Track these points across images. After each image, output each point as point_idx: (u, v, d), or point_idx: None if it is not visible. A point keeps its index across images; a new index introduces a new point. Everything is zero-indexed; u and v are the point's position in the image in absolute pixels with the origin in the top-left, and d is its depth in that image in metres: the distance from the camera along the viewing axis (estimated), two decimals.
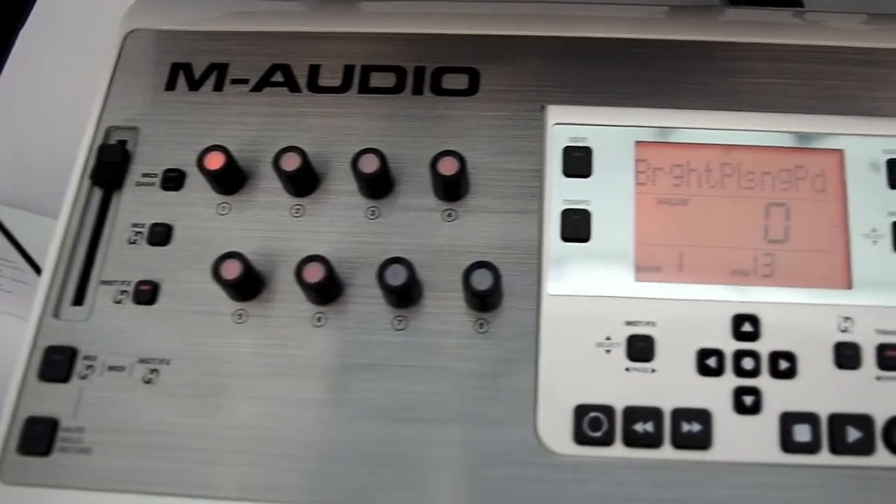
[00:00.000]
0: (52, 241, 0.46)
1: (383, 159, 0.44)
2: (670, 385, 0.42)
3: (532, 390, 0.42)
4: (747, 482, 0.41)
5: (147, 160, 0.47)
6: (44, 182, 0.54)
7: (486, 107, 0.48)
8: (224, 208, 0.46)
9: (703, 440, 0.41)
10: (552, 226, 0.45)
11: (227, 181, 0.46)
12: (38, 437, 0.42)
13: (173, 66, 0.50)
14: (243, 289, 0.43)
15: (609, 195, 0.45)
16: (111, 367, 0.43)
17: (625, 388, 0.42)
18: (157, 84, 0.49)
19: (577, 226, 0.45)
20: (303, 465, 0.41)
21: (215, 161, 0.45)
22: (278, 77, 0.49)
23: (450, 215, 0.45)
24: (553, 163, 0.46)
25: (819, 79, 0.48)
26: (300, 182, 0.45)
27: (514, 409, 0.42)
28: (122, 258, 0.45)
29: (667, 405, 0.42)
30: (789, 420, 0.41)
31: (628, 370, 0.42)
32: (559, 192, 0.45)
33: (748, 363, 0.42)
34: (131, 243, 0.46)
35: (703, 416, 0.41)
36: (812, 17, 0.52)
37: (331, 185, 0.46)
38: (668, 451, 0.41)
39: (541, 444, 0.41)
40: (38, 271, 0.60)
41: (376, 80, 0.49)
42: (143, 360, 0.43)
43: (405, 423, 0.42)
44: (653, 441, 0.41)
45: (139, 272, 0.45)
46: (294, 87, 0.49)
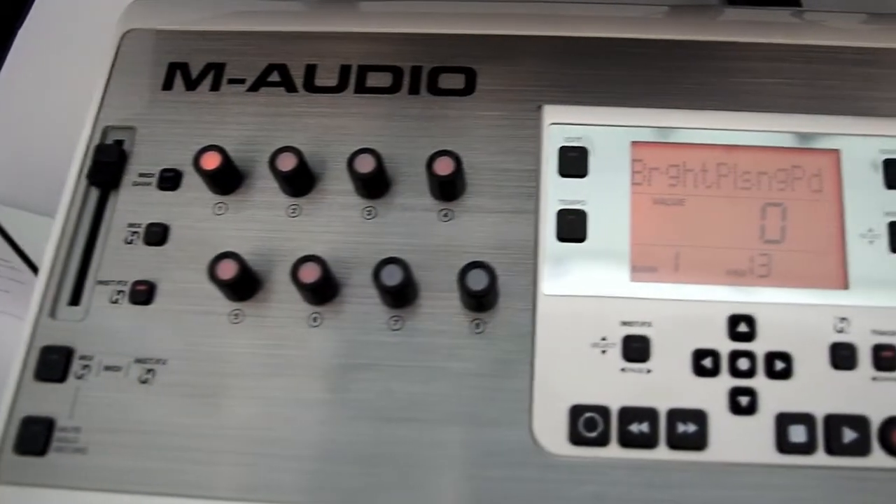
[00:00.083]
0: (48, 241, 0.46)
1: (379, 159, 0.44)
2: (666, 385, 0.42)
3: (527, 390, 0.42)
4: (743, 483, 0.40)
5: (144, 160, 0.47)
6: (41, 181, 0.54)
7: (482, 106, 0.47)
8: (220, 208, 0.46)
9: (698, 441, 0.41)
10: (548, 226, 0.45)
11: (224, 181, 0.46)
12: (35, 436, 0.42)
13: (170, 65, 0.50)
14: (239, 289, 0.43)
15: (605, 195, 0.45)
16: (107, 367, 0.43)
17: (620, 389, 0.42)
18: (154, 84, 0.49)
19: (572, 226, 0.44)
20: (299, 465, 0.41)
21: (211, 161, 0.45)
22: (275, 77, 0.49)
23: (446, 215, 0.45)
24: (549, 163, 0.46)
25: (816, 79, 0.47)
26: (296, 182, 0.45)
27: (509, 410, 0.42)
28: (119, 258, 0.45)
29: (662, 406, 0.41)
30: (785, 421, 0.41)
31: (624, 370, 0.42)
32: (555, 192, 0.45)
33: (744, 364, 0.42)
34: (128, 243, 0.46)
35: (698, 417, 0.41)
36: (810, 16, 0.52)
37: (327, 185, 0.46)
38: (663, 452, 0.41)
39: (536, 444, 0.41)
40: (35, 271, 0.60)
41: (373, 79, 0.49)
42: (139, 360, 0.43)
43: (401, 424, 0.42)
44: (648, 441, 0.41)
45: (136, 272, 0.45)
46: (290, 87, 0.49)
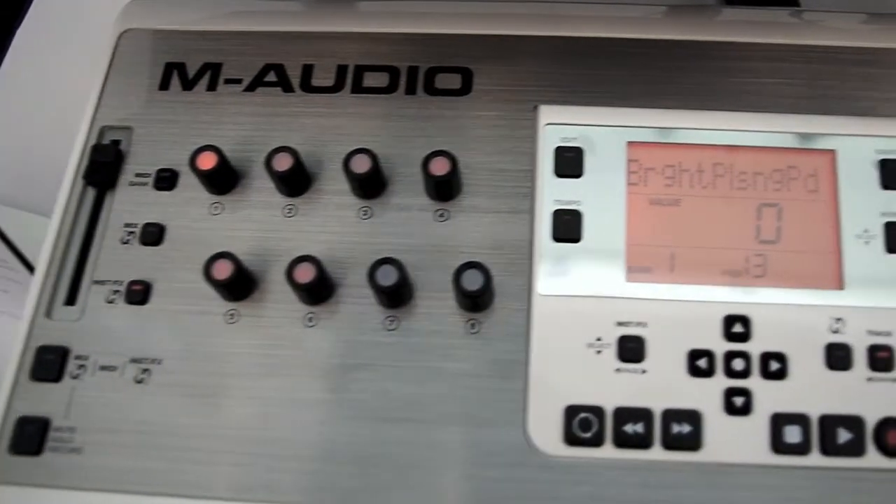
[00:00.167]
0: (45, 241, 0.46)
1: (375, 159, 0.44)
2: (661, 386, 0.42)
3: (522, 391, 0.42)
4: (737, 483, 0.40)
5: (140, 160, 0.48)
6: (39, 181, 0.55)
7: (479, 107, 0.47)
8: (217, 208, 0.46)
9: (693, 441, 0.41)
10: (543, 226, 0.45)
11: (220, 181, 0.46)
12: (30, 436, 0.42)
13: (167, 65, 0.50)
14: (235, 289, 0.43)
15: (600, 195, 0.45)
16: (103, 367, 0.43)
17: (615, 389, 0.42)
18: (151, 84, 0.49)
19: (568, 226, 0.44)
20: (294, 465, 0.41)
21: (207, 161, 0.45)
22: (271, 77, 0.49)
23: (442, 215, 0.45)
24: (545, 163, 0.46)
25: (814, 79, 0.47)
26: (292, 182, 0.45)
27: (504, 410, 0.42)
28: (115, 258, 0.45)
29: (657, 406, 0.41)
30: (780, 421, 0.41)
31: (619, 371, 0.42)
32: (550, 193, 0.45)
33: (739, 364, 0.42)
34: (124, 243, 0.46)
35: (693, 417, 0.41)
36: (808, 16, 0.51)
37: (323, 185, 0.46)
38: (658, 452, 0.41)
39: (531, 444, 0.41)
40: (31, 270, 0.60)
41: (369, 79, 0.49)
42: (134, 360, 0.43)
43: (396, 424, 0.42)
44: (643, 442, 0.41)
45: (132, 272, 0.45)
46: (287, 87, 0.49)
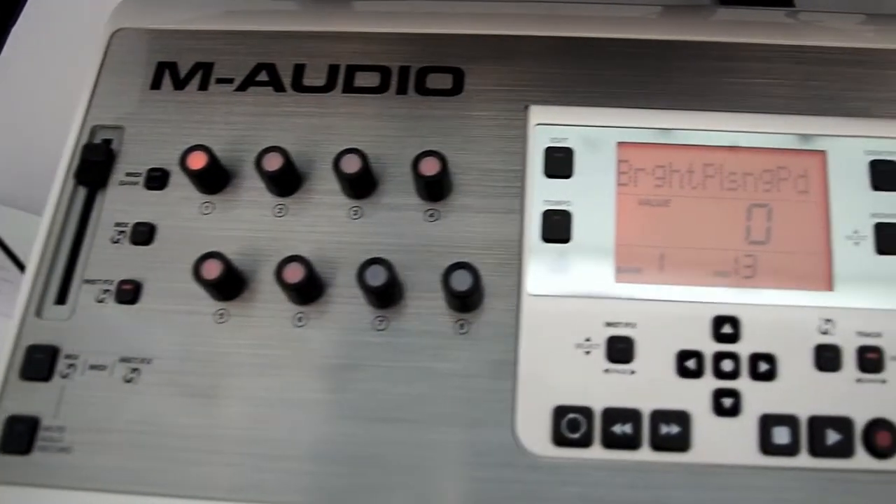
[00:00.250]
0: (35, 240, 0.46)
1: (365, 159, 0.44)
2: (649, 387, 0.42)
3: (511, 391, 0.42)
4: (726, 484, 0.40)
5: (131, 159, 0.48)
6: (31, 180, 0.55)
7: (470, 107, 0.47)
8: (207, 208, 0.46)
9: (681, 442, 0.41)
10: (533, 226, 0.45)
11: (210, 181, 0.46)
12: (19, 435, 0.42)
13: (159, 65, 0.50)
14: (224, 289, 0.43)
15: (590, 196, 0.45)
16: (93, 367, 0.43)
17: (604, 390, 0.42)
18: (143, 83, 0.49)
19: (557, 226, 0.44)
20: (284, 465, 0.41)
21: (198, 161, 0.45)
22: (263, 76, 0.49)
23: (432, 215, 0.45)
24: (534, 163, 0.46)
25: (806, 79, 0.47)
26: (282, 182, 0.45)
27: (493, 410, 0.42)
28: (105, 257, 0.45)
29: (646, 407, 0.41)
30: (769, 422, 0.41)
31: (608, 371, 0.42)
32: (540, 193, 0.45)
33: (728, 365, 0.42)
34: (114, 242, 0.46)
35: (681, 418, 0.41)
36: (802, 17, 0.51)
37: (314, 185, 0.46)
38: (646, 453, 0.41)
39: (519, 445, 0.41)
40: (22, 269, 0.60)
41: (361, 79, 0.49)
42: (124, 360, 0.43)
43: (385, 424, 0.42)
44: (631, 443, 0.41)
45: (122, 271, 0.45)
46: (279, 87, 0.49)
